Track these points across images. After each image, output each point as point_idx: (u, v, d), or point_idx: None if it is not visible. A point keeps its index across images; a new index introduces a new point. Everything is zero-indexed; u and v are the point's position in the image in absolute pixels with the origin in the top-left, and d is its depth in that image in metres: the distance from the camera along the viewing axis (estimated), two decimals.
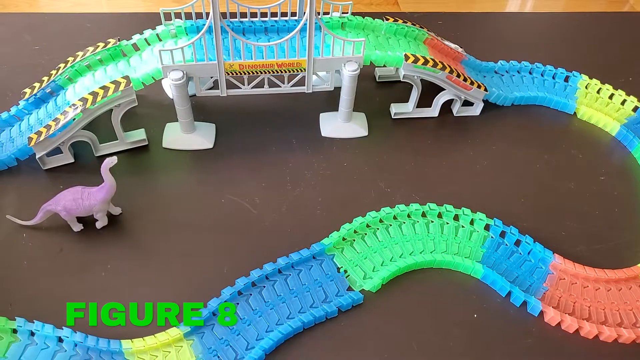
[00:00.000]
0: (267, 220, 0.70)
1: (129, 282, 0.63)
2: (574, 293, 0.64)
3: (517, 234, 0.68)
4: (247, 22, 0.80)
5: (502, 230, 0.69)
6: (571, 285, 0.65)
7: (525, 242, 0.68)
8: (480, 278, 0.65)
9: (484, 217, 0.69)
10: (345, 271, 0.64)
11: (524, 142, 0.84)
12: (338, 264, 0.65)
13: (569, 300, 0.64)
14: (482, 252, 0.67)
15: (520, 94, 0.89)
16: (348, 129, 0.82)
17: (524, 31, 1.12)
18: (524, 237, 0.68)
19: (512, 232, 0.68)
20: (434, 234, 0.68)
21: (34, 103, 0.76)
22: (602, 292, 0.65)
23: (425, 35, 0.84)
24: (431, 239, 0.67)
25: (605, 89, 0.90)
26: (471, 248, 0.67)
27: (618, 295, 0.65)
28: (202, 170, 0.77)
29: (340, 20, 0.82)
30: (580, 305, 0.63)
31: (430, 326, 0.61)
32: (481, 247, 0.67)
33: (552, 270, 0.66)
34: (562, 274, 0.66)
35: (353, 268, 0.64)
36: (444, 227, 0.69)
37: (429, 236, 0.68)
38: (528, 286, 0.65)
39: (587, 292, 0.65)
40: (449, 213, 0.70)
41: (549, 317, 0.62)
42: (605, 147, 0.85)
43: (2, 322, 0.55)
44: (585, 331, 0.61)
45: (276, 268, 0.63)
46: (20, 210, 0.68)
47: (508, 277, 0.65)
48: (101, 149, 0.76)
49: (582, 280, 0.66)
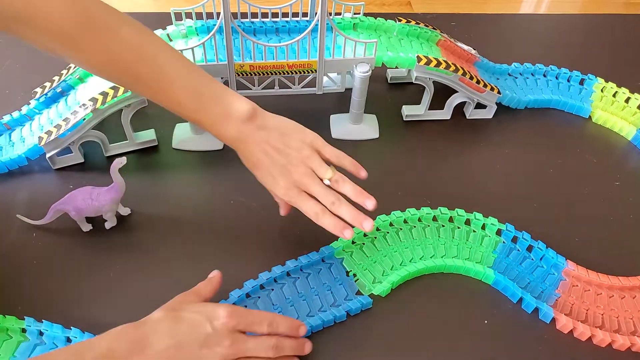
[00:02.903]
0: (275, 223, 0.70)
1: (136, 282, 0.63)
2: (586, 300, 0.63)
3: (529, 239, 0.67)
4: (258, 23, 0.79)
5: (514, 235, 0.68)
6: (584, 292, 0.64)
7: (538, 247, 0.66)
8: (492, 284, 0.64)
9: (495, 222, 0.68)
10: (355, 275, 0.64)
11: (538, 146, 0.83)
12: (347, 268, 0.64)
13: (581, 307, 0.63)
14: (494, 258, 0.66)
15: (534, 97, 0.88)
16: (359, 130, 0.82)
17: (538, 33, 1.11)
18: (536, 243, 0.67)
19: (524, 238, 0.67)
20: (445, 239, 0.67)
21: (45, 102, 0.76)
22: (616, 300, 0.63)
23: (438, 37, 0.83)
24: (442, 244, 0.67)
25: (621, 93, 0.89)
26: (482, 253, 0.66)
27: (632, 303, 0.63)
28: (212, 172, 0.76)
29: (352, 21, 0.81)
30: (594, 312, 0.62)
31: (440, 332, 0.60)
32: (493, 253, 0.66)
33: (564, 277, 0.65)
34: (574, 280, 0.65)
35: (362, 272, 0.64)
36: (455, 232, 0.68)
37: (440, 240, 0.67)
38: (540, 292, 0.63)
39: (601, 299, 0.63)
40: (461, 217, 0.69)
41: (561, 325, 0.61)
42: (620, 151, 0.84)
43: (12, 321, 0.56)
44: (598, 339, 0.60)
45: (285, 271, 0.63)
46: (30, 210, 0.68)
47: (520, 283, 0.64)
48: (111, 149, 0.76)
49: (595, 287, 0.64)
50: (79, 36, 0.54)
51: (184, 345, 0.48)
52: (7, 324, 0.55)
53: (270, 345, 0.52)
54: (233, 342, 0.50)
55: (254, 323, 0.52)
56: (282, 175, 0.58)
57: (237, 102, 0.58)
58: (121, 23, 0.56)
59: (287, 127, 0.60)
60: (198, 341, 0.48)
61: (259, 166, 0.59)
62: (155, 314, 0.51)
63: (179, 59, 0.59)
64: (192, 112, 0.59)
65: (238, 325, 0.51)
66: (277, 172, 0.58)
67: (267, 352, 0.52)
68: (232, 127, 0.58)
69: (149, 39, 0.58)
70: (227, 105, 0.58)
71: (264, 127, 0.59)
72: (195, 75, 0.59)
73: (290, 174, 0.58)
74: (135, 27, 0.57)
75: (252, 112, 0.58)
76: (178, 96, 0.58)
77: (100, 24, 0.55)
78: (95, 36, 0.55)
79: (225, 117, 0.58)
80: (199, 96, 0.58)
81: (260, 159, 0.59)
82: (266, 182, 0.60)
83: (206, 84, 0.59)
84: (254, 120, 0.59)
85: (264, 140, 0.58)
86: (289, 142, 0.59)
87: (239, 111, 0.58)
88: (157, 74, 0.57)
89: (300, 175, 0.58)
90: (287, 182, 0.58)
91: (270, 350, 0.52)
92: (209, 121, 0.59)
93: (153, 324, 0.49)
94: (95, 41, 0.55)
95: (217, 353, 0.49)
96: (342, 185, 0.59)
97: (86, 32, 0.54)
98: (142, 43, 0.57)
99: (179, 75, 0.58)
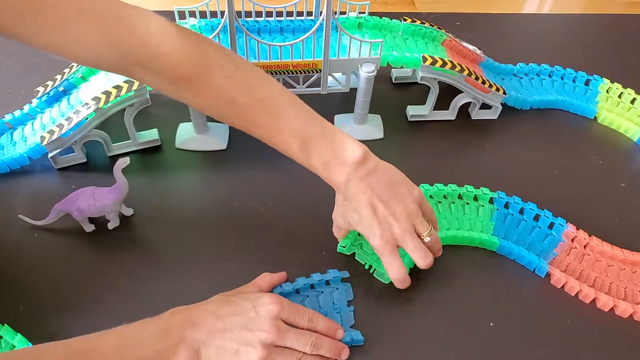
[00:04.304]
0: (280, 224, 0.69)
1: (140, 283, 0.62)
2: (584, 263, 0.65)
3: (520, 202, 0.70)
4: (262, 22, 0.79)
5: (506, 201, 0.70)
6: (584, 257, 0.66)
7: (530, 209, 0.69)
8: (497, 250, 0.67)
9: (487, 191, 0.71)
10: (370, 266, 0.64)
11: (543, 146, 0.82)
12: (362, 261, 0.64)
13: (577, 267, 0.65)
14: (492, 225, 0.68)
15: (539, 98, 0.88)
16: (363, 131, 0.81)
17: (542, 33, 1.10)
18: (527, 205, 0.70)
19: (515, 202, 0.70)
20: (444, 213, 0.69)
21: (47, 101, 0.76)
22: (615, 270, 0.64)
23: (443, 37, 0.83)
24: (443, 218, 0.69)
25: (627, 94, 0.88)
26: (481, 222, 0.68)
27: (630, 276, 0.64)
28: (215, 172, 0.76)
29: (357, 20, 0.81)
30: (588, 274, 0.64)
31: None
32: (490, 221, 0.69)
33: (564, 239, 0.67)
34: (574, 244, 0.67)
35: (377, 261, 0.63)
36: (451, 207, 0.70)
37: (441, 215, 0.69)
38: (539, 252, 0.66)
39: (599, 265, 0.65)
40: (454, 192, 0.71)
41: (555, 279, 0.64)
42: (626, 152, 0.83)
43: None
44: (583, 294, 0.62)
45: (282, 292, 0.60)
46: (32, 210, 0.68)
47: (520, 245, 0.66)
48: (114, 149, 0.76)
49: (597, 254, 0.66)
50: (195, 81, 0.56)
51: (227, 326, 0.51)
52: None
53: (309, 341, 0.53)
54: (274, 328, 0.51)
55: (296, 314, 0.54)
56: (382, 227, 0.57)
57: (348, 145, 0.58)
58: (236, 66, 0.57)
59: (395, 176, 0.60)
60: (241, 324, 0.51)
61: (360, 213, 0.58)
62: (212, 298, 0.55)
63: (290, 101, 0.59)
64: (304, 156, 0.59)
65: (281, 313, 0.53)
66: (377, 222, 0.57)
67: (305, 346, 0.53)
68: (342, 171, 0.58)
69: (263, 81, 0.58)
70: (338, 148, 0.58)
71: (373, 173, 0.58)
72: (307, 118, 0.59)
73: (392, 227, 0.57)
74: (248, 70, 0.58)
75: (364, 156, 0.58)
76: (290, 141, 0.58)
77: (217, 68, 0.56)
78: (211, 80, 0.56)
79: (335, 161, 0.58)
80: (310, 140, 0.58)
81: (363, 207, 0.57)
82: (363, 229, 0.59)
83: (317, 125, 0.59)
84: (365, 164, 0.58)
85: (371, 188, 0.57)
86: (396, 194, 0.58)
87: (351, 155, 0.58)
88: (270, 119, 0.58)
89: (402, 231, 0.57)
90: (387, 235, 0.57)
91: (308, 346, 0.53)
92: (319, 165, 0.59)
93: (206, 305, 0.53)
94: (211, 85, 0.56)
95: (257, 336, 0.51)
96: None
97: (202, 77, 0.56)
98: (255, 87, 0.58)
99: (290, 119, 0.58)
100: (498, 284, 0.64)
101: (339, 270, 0.63)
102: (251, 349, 0.50)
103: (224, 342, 0.50)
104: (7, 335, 0.55)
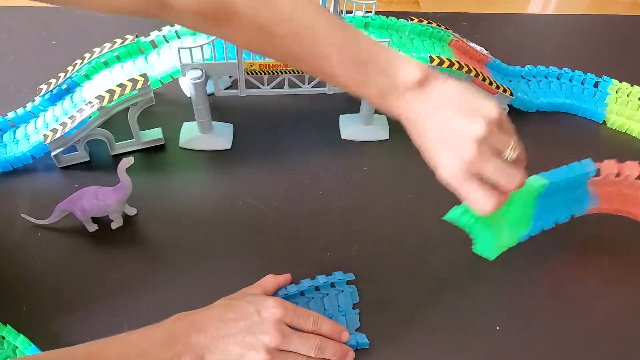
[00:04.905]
0: (284, 225, 0.68)
1: (143, 283, 0.61)
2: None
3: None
4: None
5: None
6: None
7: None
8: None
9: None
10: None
11: (549, 150, 0.81)
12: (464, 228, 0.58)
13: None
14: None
15: (546, 100, 0.87)
16: (369, 131, 0.80)
17: (548, 33, 1.09)
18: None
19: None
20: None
21: (50, 99, 0.75)
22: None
23: (450, 37, 0.82)
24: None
25: (635, 92, 0.87)
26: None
27: None
28: (219, 172, 0.75)
29: (363, 20, 0.80)
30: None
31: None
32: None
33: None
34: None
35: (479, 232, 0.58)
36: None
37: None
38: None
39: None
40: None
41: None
42: (635, 156, 0.82)
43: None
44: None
45: (286, 294, 0.60)
46: (35, 209, 0.67)
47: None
48: (117, 148, 0.75)
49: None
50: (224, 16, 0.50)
51: (231, 330, 0.50)
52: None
53: (314, 345, 0.53)
54: (278, 332, 0.51)
55: (300, 317, 0.53)
56: (451, 154, 0.49)
57: (405, 68, 0.51)
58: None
59: (465, 94, 0.51)
60: (245, 328, 0.51)
61: (428, 140, 0.51)
62: (215, 302, 0.54)
63: (336, 27, 0.52)
64: (356, 86, 0.53)
65: (285, 317, 0.52)
66: (445, 147, 0.50)
67: (309, 350, 0.52)
68: (400, 98, 0.51)
69: (298, 6, 0.51)
70: (394, 73, 0.51)
71: (438, 96, 0.51)
72: (354, 45, 0.52)
73: (463, 153, 0.48)
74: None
75: (424, 76, 0.50)
76: (337, 72, 0.52)
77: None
78: (239, 14, 0.50)
79: (392, 88, 0.51)
80: (361, 68, 0.51)
81: (429, 133, 0.51)
82: (431, 159, 0.52)
83: (369, 50, 0.51)
84: (426, 86, 0.51)
85: (435, 110, 0.50)
86: (468, 113, 0.49)
87: (409, 78, 0.50)
88: (312, 51, 0.52)
89: (479, 155, 0.49)
90: (458, 163, 0.49)
91: (313, 349, 0.52)
92: (374, 95, 0.52)
93: (210, 310, 0.53)
94: (240, 20, 0.51)
95: (261, 341, 0.50)
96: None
97: (229, 10, 0.50)
98: (290, 14, 0.51)
99: (337, 48, 0.51)
100: (504, 287, 0.64)
101: (344, 272, 0.62)
102: (255, 354, 0.50)
103: (228, 347, 0.50)
104: (9, 336, 0.54)
